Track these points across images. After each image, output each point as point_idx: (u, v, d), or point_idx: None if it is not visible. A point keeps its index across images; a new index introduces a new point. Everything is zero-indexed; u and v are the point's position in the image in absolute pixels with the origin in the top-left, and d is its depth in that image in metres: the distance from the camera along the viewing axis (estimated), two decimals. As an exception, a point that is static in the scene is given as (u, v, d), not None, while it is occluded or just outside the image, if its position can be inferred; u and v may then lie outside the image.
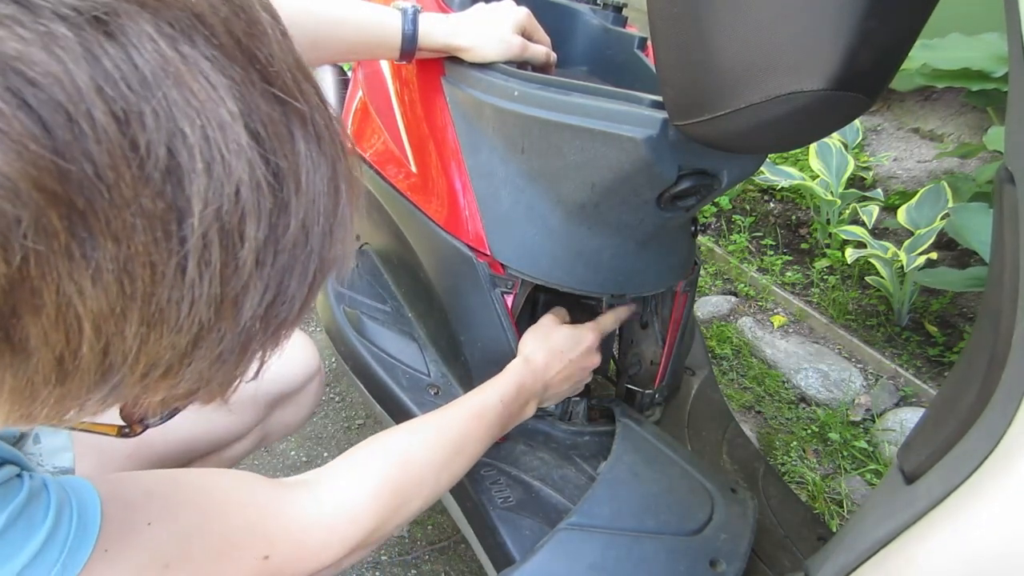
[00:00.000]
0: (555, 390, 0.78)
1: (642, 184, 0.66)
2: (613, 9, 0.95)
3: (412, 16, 0.76)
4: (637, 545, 0.68)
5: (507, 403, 0.71)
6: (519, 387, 0.73)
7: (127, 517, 0.42)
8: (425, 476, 0.61)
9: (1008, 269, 0.40)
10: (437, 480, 0.63)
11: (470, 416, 0.67)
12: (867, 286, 1.74)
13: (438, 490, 0.64)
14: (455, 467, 0.65)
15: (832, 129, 0.55)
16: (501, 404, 0.70)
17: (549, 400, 0.79)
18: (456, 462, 0.65)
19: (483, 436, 0.68)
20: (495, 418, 0.69)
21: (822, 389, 1.50)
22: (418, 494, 0.61)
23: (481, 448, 0.68)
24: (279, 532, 0.50)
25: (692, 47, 0.52)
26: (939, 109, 2.14)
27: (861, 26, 0.43)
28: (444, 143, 0.84)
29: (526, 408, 0.75)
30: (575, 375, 0.79)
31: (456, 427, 0.66)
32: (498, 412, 0.69)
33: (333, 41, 0.76)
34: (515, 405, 0.72)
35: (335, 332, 0.93)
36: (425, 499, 0.62)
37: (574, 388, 0.81)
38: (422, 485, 0.61)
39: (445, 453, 0.64)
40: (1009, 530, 0.38)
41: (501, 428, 0.71)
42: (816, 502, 1.26)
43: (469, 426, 0.67)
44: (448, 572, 1.17)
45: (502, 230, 0.78)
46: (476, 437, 0.67)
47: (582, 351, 0.78)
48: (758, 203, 2.13)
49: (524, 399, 0.74)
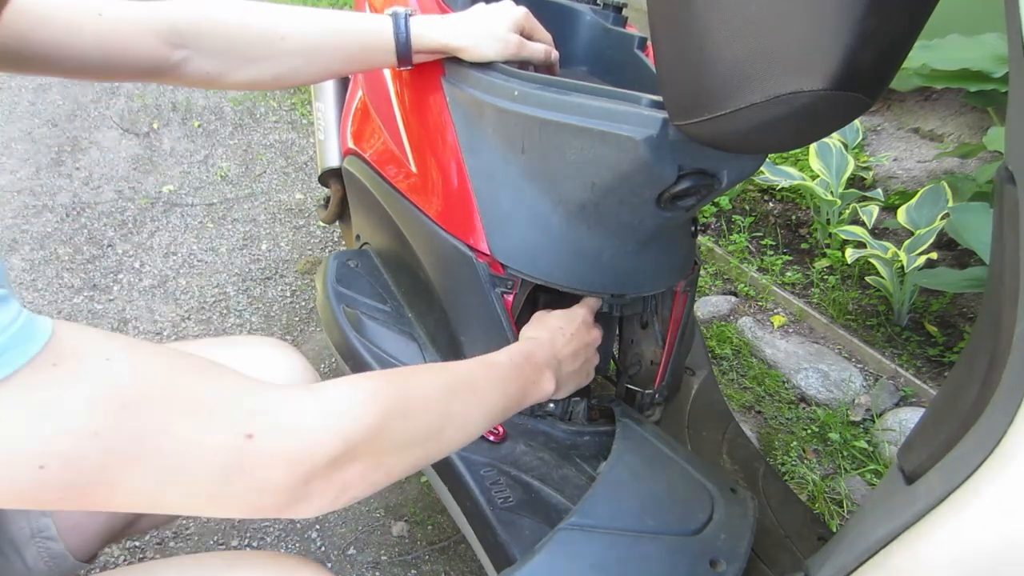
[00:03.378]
0: (569, 366, 0.73)
1: (642, 184, 0.66)
2: (613, 9, 0.95)
3: (404, 20, 0.77)
4: (637, 545, 0.68)
5: (517, 363, 0.65)
6: (527, 354, 0.68)
7: (82, 346, 0.38)
8: (430, 394, 0.54)
9: (1008, 269, 0.40)
10: (447, 405, 0.55)
11: (477, 364, 0.62)
12: (867, 286, 1.74)
13: (448, 420, 0.55)
14: (468, 404, 0.57)
15: (832, 129, 0.55)
16: (510, 362, 0.65)
17: (565, 382, 0.74)
18: (468, 400, 0.58)
19: (496, 385, 0.61)
20: (507, 373, 0.64)
21: (822, 389, 1.50)
22: (423, 409, 0.53)
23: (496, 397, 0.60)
24: (263, 410, 0.43)
25: (692, 47, 0.52)
26: (939, 109, 2.14)
27: (861, 26, 0.43)
28: (444, 143, 0.84)
29: (543, 380, 0.68)
30: (581, 350, 0.76)
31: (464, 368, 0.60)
32: (508, 369, 0.64)
33: (329, 51, 0.77)
34: (527, 369, 0.67)
35: (335, 332, 0.93)
36: (431, 422, 0.53)
37: (585, 368, 0.77)
38: (427, 401, 0.54)
39: (454, 380, 0.58)
40: (1009, 530, 0.38)
41: (519, 389, 0.64)
42: (816, 502, 1.26)
43: (478, 371, 0.61)
44: (448, 572, 1.17)
45: (502, 230, 0.78)
46: (488, 383, 0.61)
47: (579, 324, 0.77)
48: (758, 203, 2.13)
49: (536, 368, 0.68)
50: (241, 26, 0.73)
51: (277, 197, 2.19)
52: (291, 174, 2.32)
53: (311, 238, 2.02)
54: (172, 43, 0.69)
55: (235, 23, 0.72)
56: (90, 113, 2.56)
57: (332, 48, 0.77)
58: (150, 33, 0.68)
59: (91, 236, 1.98)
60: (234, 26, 0.72)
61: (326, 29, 0.76)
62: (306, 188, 2.25)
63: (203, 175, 2.28)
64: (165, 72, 0.71)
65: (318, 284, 1.01)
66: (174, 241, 1.98)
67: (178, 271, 1.87)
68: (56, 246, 1.93)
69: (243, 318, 1.73)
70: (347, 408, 0.47)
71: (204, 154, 2.38)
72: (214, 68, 0.73)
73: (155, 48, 0.68)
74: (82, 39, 0.64)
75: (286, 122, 2.60)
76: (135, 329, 1.69)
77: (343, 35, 0.77)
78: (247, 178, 2.28)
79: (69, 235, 1.98)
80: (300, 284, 1.85)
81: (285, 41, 0.74)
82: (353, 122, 1.14)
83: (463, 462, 0.78)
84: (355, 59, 0.79)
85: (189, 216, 2.08)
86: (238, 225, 2.06)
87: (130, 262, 1.89)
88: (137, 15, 0.67)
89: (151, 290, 1.80)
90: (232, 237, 2.01)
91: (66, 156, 2.32)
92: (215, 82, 0.74)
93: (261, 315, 1.74)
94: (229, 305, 1.77)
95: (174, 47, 0.69)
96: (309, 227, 2.07)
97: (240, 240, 2.00)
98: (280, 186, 2.25)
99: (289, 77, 0.77)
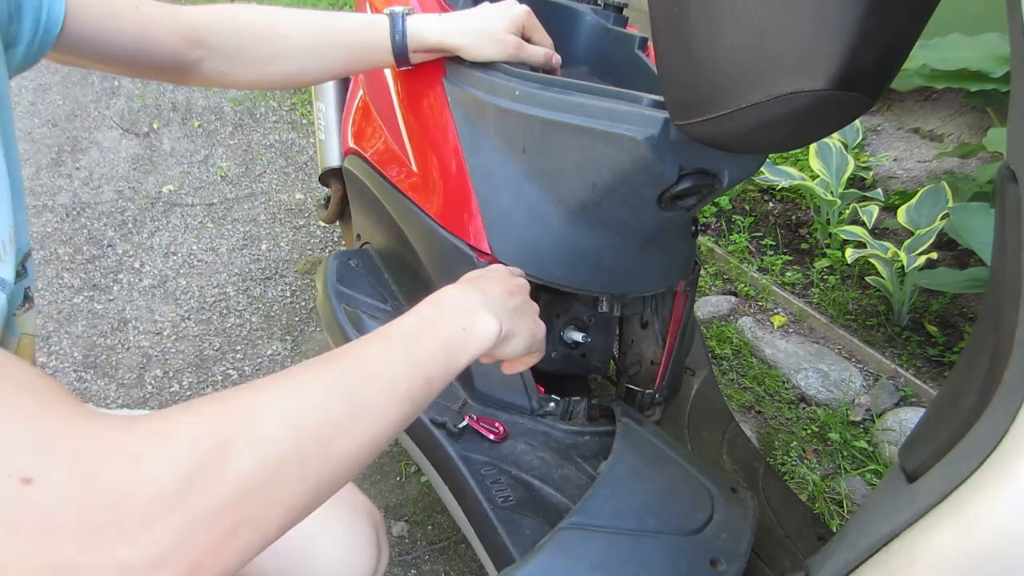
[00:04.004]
0: (508, 303, 0.58)
1: (643, 184, 0.66)
2: (614, 9, 0.95)
3: (400, 19, 0.78)
4: (638, 544, 0.68)
5: (428, 318, 0.52)
6: (437, 301, 0.55)
7: None
8: (301, 401, 0.40)
9: (1009, 268, 0.40)
10: (326, 411, 0.41)
11: (366, 340, 0.48)
12: (867, 286, 1.74)
13: (333, 429, 0.40)
14: (361, 397, 0.43)
15: (833, 129, 0.55)
16: (418, 320, 0.52)
17: (511, 319, 0.58)
18: (360, 391, 0.43)
19: (403, 355, 0.48)
20: (413, 335, 0.50)
21: (822, 389, 1.50)
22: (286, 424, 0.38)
23: (406, 371, 0.47)
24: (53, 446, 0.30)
25: (693, 47, 0.52)
26: (939, 109, 2.14)
27: (862, 26, 0.43)
28: (445, 143, 0.84)
29: (477, 321, 0.54)
30: (515, 290, 0.61)
31: (351, 352, 0.46)
32: (415, 329, 0.51)
33: (329, 50, 0.78)
34: (447, 317, 0.53)
35: (335, 331, 0.93)
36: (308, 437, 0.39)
37: (530, 312, 0.62)
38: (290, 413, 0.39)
39: (336, 374, 0.43)
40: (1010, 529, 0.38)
41: (442, 345, 0.51)
42: (816, 502, 1.26)
43: (372, 348, 0.47)
44: (448, 572, 1.17)
45: (503, 229, 0.78)
46: (390, 359, 0.47)
47: (498, 271, 0.64)
48: (758, 203, 2.13)
49: (460, 310, 0.54)
50: (250, 25, 0.75)
51: (277, 197, 2.19)
52: (291, 174, 2.32)
53: (311, 238, 2.02)
54: (192, 42, 0.72)
55: (245, 23, 0.75)
56: (90, 113, 2.56)
57: (332, 47, 0.78)
58: (175, 31, 0.70)
59: (91, 236, 1.98)
60: (244, 25, 0.75)
61: (325, 28, 0.78)
62: (306, 188, 2.25)
63: (203, 175, 2.28)
64: (183, 70, 0.73)
65: (318, 284, 1.01)
66: (174, 241, 1.98)
67: (178, 271, 1.87)
68: (56, 246, 1.93)
69: (243, 318, 1.73)
70: (168, 433, 0.33)
71: (204, 154, 2.38)
72: (228, 67, 0.75)
73: (178, 45, 0.71)
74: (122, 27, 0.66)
75: (286, 122, 2.60)
76: (135, 329, 1.69)
77: (341, 34, 0.78)
78: (247, 178, 2.28)
79: (69, 235, 1.98)
80: (300, 284, 1.85)
81: (288, 40, 0.76)
82: (354, 122, 1.14)
83: (463, 461, 0.78)
84: (354, 59, 0.80)
85: (189, 216, 2.08)
86: (238, 225, 2.06)
87: (130, 262, 1.89)
88: (164, 12, 0.70)
89: (151, 290, 1.80)
90: (232, 237, 2.01)
91: (66, 156, 2.32)
92: (227, 81, 0.76)
93: (261, 315, 1.74)
94: (229, 305, 1.77)
95: (194, 46, 0.72)
96: (309, 227, 2.07)
97: (240, 240, 2.00)
98: (280, 186, 2.25)
99: (294, 76, 0.79)
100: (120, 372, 1.57)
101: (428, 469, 0.85)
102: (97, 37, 0.65)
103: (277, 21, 0.76)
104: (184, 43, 0.71)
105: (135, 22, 0.67)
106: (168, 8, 0.71)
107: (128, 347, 1.64)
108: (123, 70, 0.71)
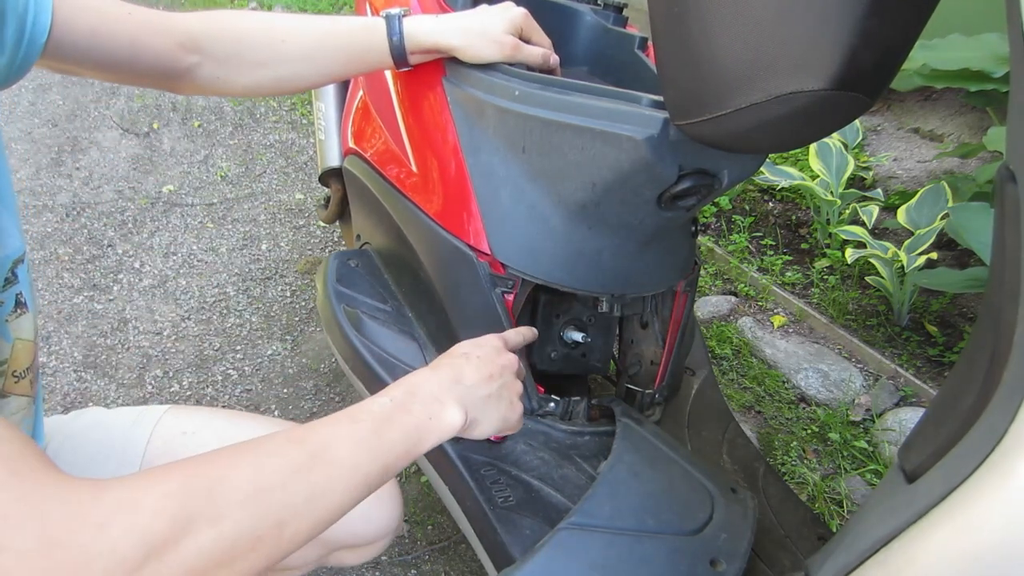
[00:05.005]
0: (481, 390, 0.63)
1: (643, 184, 0.66)
2: (614, 9, 0.95)
3: (397, 20, 0.78)
4: (637, 544, 0.68)
5: (399, 403, 0.56)
6: (410, 388, 0.58)
7: None
8: (257, 482, 0.43)
9: (1009, 268, 0.40)
10: (283, 493, 0.44)
11: (339, 422, 0.51)
12: (867, 286, 1.74)
13: (288, 511, 0.44)
14: (318, 482, 0.46)
15: (833, 129, 0.55)
16: (390, 403, 0.55)
17: (480, 409, 0.63)
18: (319, 477, 0.46)
19: (365, 442, 0.51)
20: (380, 422, 0.53)
21: (822, 389, 1.50)
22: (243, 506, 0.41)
23: (366, 458, 0.50)
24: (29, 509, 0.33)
25: (693, 47, 0.52)
26: (939, 109, 2.14)
27: (862, 26, 0.43)
28: (445, 143, 0.84)
29: (443, 413, 0.58)
30: (496, 373, 0.65)
31: (318, 435, 0.49)
32: (384, 415, 0.54)
33: (327, 52, 0.78)
34: (415, 406, 0.56)
35: (335, 331, 0.93)
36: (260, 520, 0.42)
37: (506, 395, 0.66)
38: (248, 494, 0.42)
39: (296, 457, 0.46)
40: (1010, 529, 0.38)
41: (404, 434, 0.54)
42: (816, 502, 1.26)
43: (339, 432, 0.50)
44: (448, 572, 1.17)
45: (503, 230, 0.78)
46: (352, 444, 0.50)
47: (489, 348, 0.68)
48: (758, 203, 2.13)
49: (429, 400, 0.58)
50: (245, 30, 0.75)
51: (277, 197, 2.20)
52: (291, 174, 2.32)
53: (311, 238, 2.02)
54: (187, 47, 0.71)
55: (240, 27, 0.74)
56: (90, 113, 2.56)
57: (330, 50, 0.78)
58: (169, 36, 0.70)
59: (91, 236, 1.98)
60: (239, 30, 0.74)
61: (323, 31, 0.77)
62: (306, 188, 2.25)
63: (203, 175, 2.28)
64: (177, 76, 0.72)
65: (318, 284, 1.01)
66: (174, 241, 1.98)
67: (178, 271, 1.87)
68: (56, 246, 1.93)
69: (243, 318, 1.73)
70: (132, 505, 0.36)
71: (204, 154, 2.38)
72: (222, 72, 0.74)
73: (172, 50, 0.70)
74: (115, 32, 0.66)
75: (286, 122, 2.60)
76: (135, 329, 1.69)
77: (339, 36, 0.78)
78: (247, 178, 2.28)
79: (69, 235, 1.98)
80: (300, 284, 1.85)
81: (285, 44, 0.76)
82: (354, 122, 1.14)
83: (463, 461, 0.78)
84: (353, 61, 0.80)
85: (189, 216, 2.08)
86: (238, 225, 2.06)
87: (130, 262, 1.89)
88: (157, 17, 0.70)
89: (151, 290, 1.80)
90: (232, 237, 2.01)
91: (66, 156, 2.32)
92: (222, 87, 0.75)
93: (261, 315, 1.74)
94: (229, 305, 1.77)
95: (188, 51, 0.71)
96: (309, 227, 2.07)
97: (240, 240, 2.00)
98: (280, 186, 2.25)
99: (291, 81, 0.78)
100: (120, 372, 1.57)
101: (428, 469, 0.85)
102: (89, 43, 0.64)
103: (272, 26, 0.75)
104: (178, 48, 0.70)
105: (128, 27, 0.66)
106: (161, 13, 0.70)
107: (128, 347, 1.64)
108: (116, 77, 0.70)
